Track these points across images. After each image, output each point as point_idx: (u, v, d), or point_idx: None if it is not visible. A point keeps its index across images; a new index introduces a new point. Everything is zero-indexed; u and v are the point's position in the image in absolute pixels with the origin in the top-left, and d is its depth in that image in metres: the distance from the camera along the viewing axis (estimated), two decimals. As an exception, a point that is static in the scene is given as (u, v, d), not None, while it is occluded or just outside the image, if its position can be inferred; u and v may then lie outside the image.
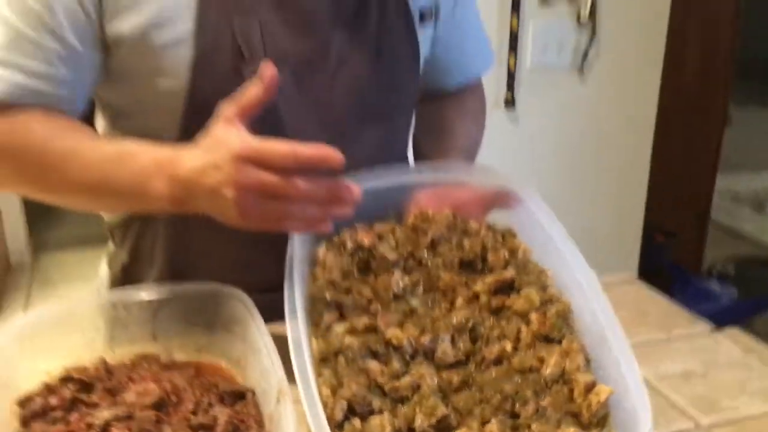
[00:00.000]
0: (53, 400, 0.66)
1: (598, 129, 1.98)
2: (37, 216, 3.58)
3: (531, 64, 1.86)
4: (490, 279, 0.74)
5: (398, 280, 0.75)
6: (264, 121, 0.70)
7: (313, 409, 0.58)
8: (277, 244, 0.74)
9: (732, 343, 0.87)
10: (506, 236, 0.81)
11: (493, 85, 1.84)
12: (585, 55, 1.88)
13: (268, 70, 0.66)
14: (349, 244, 0.77)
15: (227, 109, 0.68)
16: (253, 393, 0.69)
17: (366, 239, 0.76)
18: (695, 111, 2.59)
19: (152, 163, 0.72)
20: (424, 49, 0.95)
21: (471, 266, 0.77)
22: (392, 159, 0.95)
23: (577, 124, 1.96)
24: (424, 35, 0.95)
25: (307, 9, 0.83)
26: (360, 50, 0.87)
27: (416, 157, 1.08)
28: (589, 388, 0.65)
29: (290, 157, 0.63)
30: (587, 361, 0.68)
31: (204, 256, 0.89)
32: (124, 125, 0.89)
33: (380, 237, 0.78)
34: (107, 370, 0.71)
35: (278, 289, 0.70)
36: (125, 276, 0.95)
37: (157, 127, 0.83)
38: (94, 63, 0.81)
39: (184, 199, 0.70)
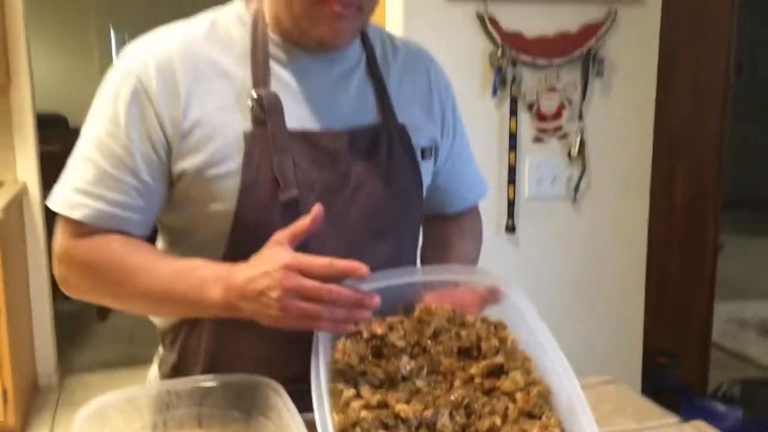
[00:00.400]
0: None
1: (593, 254, 2.15)
2: (66, 340, 3.74)
3: (528, 195, 2.06)
4: (483, 364, 0.90)
5: (406, 364, 0.90)
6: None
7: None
8: (303, 343, 0.90)
9: (695, 430, 0.99)
10: (498, 328, 0.96)
11: (495, 213, 2.03)
12: (577, 186, 2.09)
13: (317, 210, 0.86)
14: (365, 333, 0.92)
15: (280, 234, 0.87)
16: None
17: (379, 329, 0.92)
18: (686, 238, 2.75)
19: (211, 274, 0.91)
20: (426, 179, 1.13)
21: (467, 353, 0.93)
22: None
23: (573, 249, 2.14)
24: (426, 168, 1.12)
25: (330, 147, 1.01)
26: (373, 178, 1.03)
27: None
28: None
29: (327, 267, 0.82)
30: None
31: (241, 354, 1.03)
32: (180, 242, 1.07)
33: (391, 327, 0.93)
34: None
35: (304, 380, 0.86)
36: (174, 374, 1.09)
37: (207, 243, 1.01)
38: (161, 194, 1.00)
39: (235, 303, 0.88)
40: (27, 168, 3.18)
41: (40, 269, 3.29)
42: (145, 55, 0.98)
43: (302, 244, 0.91)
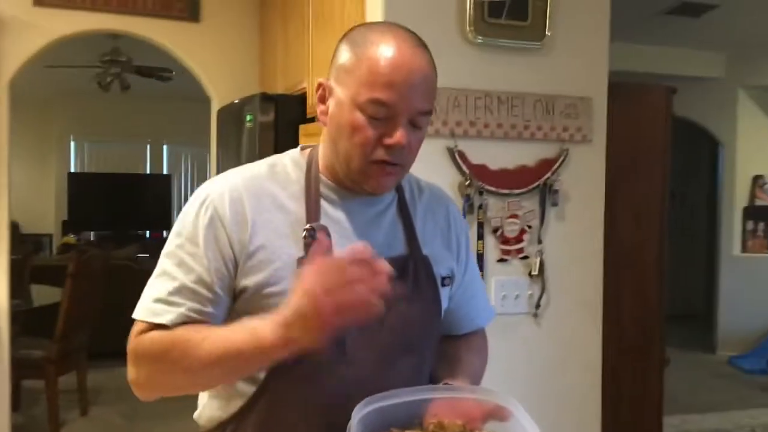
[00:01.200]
0: None
1: (553, 366, 2.32)
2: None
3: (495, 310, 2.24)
4: None
5: None
6: (336, 347, 1.05)
7: None
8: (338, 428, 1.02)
9: None
10: None
11: (463, 328, 2.20)
12: (537, 303, 2.28)
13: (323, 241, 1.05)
14: None
15: (302, 270, 1.01)
16: None
17: None
18: (636, 354, 2.96)
19: (260, 321, 1.04)
20: (444, 304, 1.27)
21: None
22: (421, 382, 1.24)
23: (535, 361, 2.31)
24: (444, 294, 1.26)
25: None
26: (401, 301, 1.15)
27: (433, 382, 1.34)
28: None
29: (348, 257, 0.98)
30: None
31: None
32: None
33: None
34: None
35: None
36: None
37: None
38: (227, 305, 1.14)
39: (285, 335, 1.00)
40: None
41: (2, 377, 3.26)
42: (221, 189, 1.16)
43: (342, 355, 1.09)
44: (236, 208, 1.14)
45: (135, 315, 1.13)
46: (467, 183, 2.18)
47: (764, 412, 4.87)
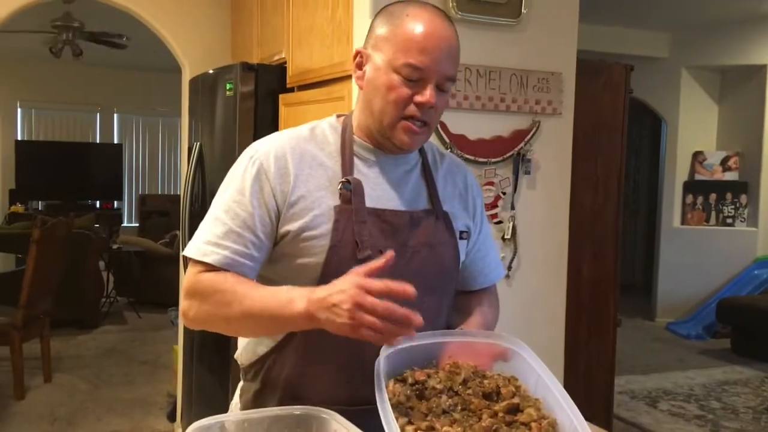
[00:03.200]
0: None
1: (523, 322, 2.49)
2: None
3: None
4: (504, 403, 1.17)
5: (446, 401, 1.17)
6: None
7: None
8: (364, 370, 1.15)
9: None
10: (511, 380, 1.25)
11: (442, 288, 2.34)
12: (510, 265, 2.44)
13: (390, 255, 1.13)
14: (410, 380, 1.19)
15: (357, 268, 1.13)
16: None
17: (420, 377, 1.19)
18: (592, 315, 3.17)
19: (297, 293, 1.17)
20: (461, 256, 1.41)
21: (489, 396, 1.20)
22: (442, 322, 1.39)
23: (506, 317, 2.46)
24: (462, 246, 1.40)
25: (395, 223, 1.32)
26: (424, 248, 1.33)
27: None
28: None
29: (385, 289, 1.09)
30: None
31: (315, 380, 1.29)
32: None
33: (428, 376, 1.21)
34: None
35: (365, 404, 1.11)
36: (255, 400, 1.33)
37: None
38: (268, 249, 1.29)
39: (313, 313, 1.13)
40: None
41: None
42: (268, 147, 1.32)
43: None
44: (280, 163, 1.29)
45: (186, 252, 1.28)
46: (448, 151, 2.31)
47: (701, 373, 5.22)
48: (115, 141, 9.45)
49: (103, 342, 5.51)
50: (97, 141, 9.35)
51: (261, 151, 1.31)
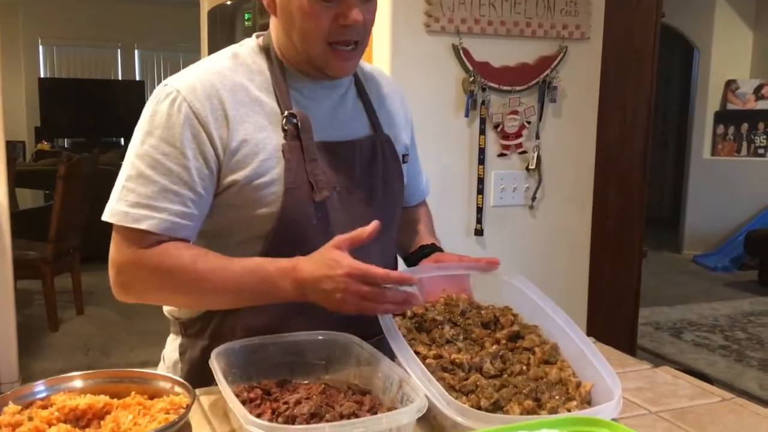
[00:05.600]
0: (251, 395, 1.02)
1: (546, 253, 2.48)
2: (28, 350, 3.77)
3: (493, 203, 2.37)
4: (505, 331, 1.17)
5: (449, 330, 1.17)
6: (322, 224, 1.16)
7: (411, 362, 0.98)
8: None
9: (664, 373, 1.30)
10: (505, 309, 1.25)
11: (466, 219, 2.33)
12: (534, 196, 2.41)
13: (375, 225, 1.08)
14: (408, 313, 1.20)
15: (339, 240, 1.07)
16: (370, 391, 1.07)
17: (419, 310, 1.20)
18: (617, 245, 3.14)
19: (277, 270, 1.08)
20: (405, 179, 1.36)
21: (488, 326, 1.20)
22: (392, 254, 1.38)
23: (530, 249, 2.46)
24: (405, 170, 1.35)
25: (345, 156, 1.23)
26: (374, 180, 1.27)
27: (399, 247, 1.46)
28: (578, 385, 1.07)
29: (384, 277, 1.03)
30: (573, 372, 1.11)
31: (280, 328, 1.15)
32: (217, 244, 1.19)
33: (426, 309, 1.21)
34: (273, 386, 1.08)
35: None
36: (205, 356, 1.11)
37: (246, 242, 1.18)
38: (209, 204, 1.16)
39: (304, 293, 1.08)
40: (-4, 178, 3.25)
41: (5, 277, 3.34)
42: (192, 84, 1.13)
43: (328, 230, 1.16)
44: (213, 103, 1.13)
45: (110, 219, 1.11)
46: (471, 80, 2.25)
47: (726, 305, 5.20)
48: (137, 78, 9.42)
49: (133, 276, 5.61)
50: (119, 78, 9.32)
51: (184, 90, 1.12)
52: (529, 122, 2.37)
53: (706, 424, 1.08)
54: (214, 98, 1.13)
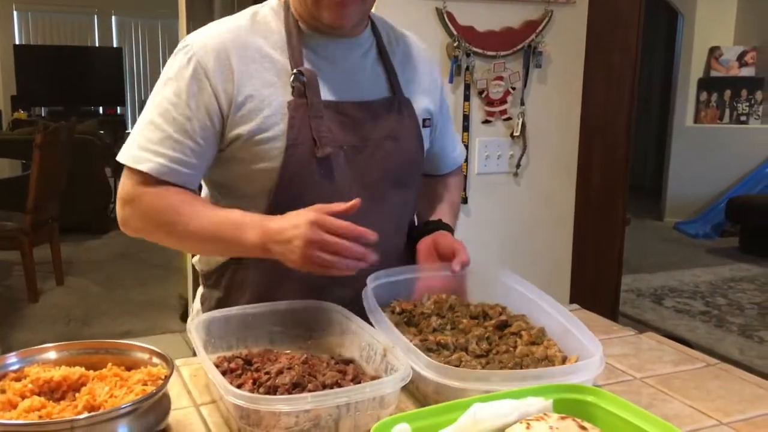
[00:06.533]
0: (232, 365, 1.00)
1: (531, 221, 2.47)
2: (7, 321, 3.73)
3: (478, 170, 2.34)
4: (493, 321, 1.16)
5: (436, 320, 1.16)
6: (329, 185, 1.17)
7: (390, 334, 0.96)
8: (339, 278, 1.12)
9: (649, 339, 1.29)
10: (494, 305, 1.23)
11: (449, 186, 2.30)
12: (518, 163, 2.39)
13: (356, 201, 1.07)
14: (397, 309, 1.19)
15: (316, 206, 1.07)
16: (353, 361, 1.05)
17: (407, 306, 1.19)
18: (601, 213, 3.13)
19: (249, 221, 1.12)
20: (425, 144, 1.36)
21: (476, 318, 1.19)
22: (407, 214, 1.37)
23: (514, 217, 2.44)
24: (425, 134, 1.35)
25: (354, 115, 1.25)
26: (387, 140, 1.27)
27: (417, 217, 1.47)
28: (564, 359, 1.06)
29: (346, 229, 1.03)
30: (560, 349, 1.09)
31: (284, 283, 1.21)
32: (228, 195, 1.27)
33: (415, 305, 1.20)
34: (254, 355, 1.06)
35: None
36: (220, 307, 1.20)
37: (252, 197, 1.22)
38: (210, 155, 1.21)
39: (266, 245, 1.08)
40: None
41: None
42: (205, 40, 1.19)
43: (334, 191, 1.16)
44: (221, 59, 1.17)
45: (119, 158, 1.18)
46: (455, 44, 2.21)
47: (708, 271, 5.25)
48: (115, 45, 9.24)
49: (113, 247, 5.56)
50: (96, 45, 9.13)
51: (197, 46, 1.18)
52: (514, 88, 2.34)
53: (690, 389, 1.08)
54: (223, 54, 1.17)
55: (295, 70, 1.18)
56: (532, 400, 0.85)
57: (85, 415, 0.81)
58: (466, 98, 2.26)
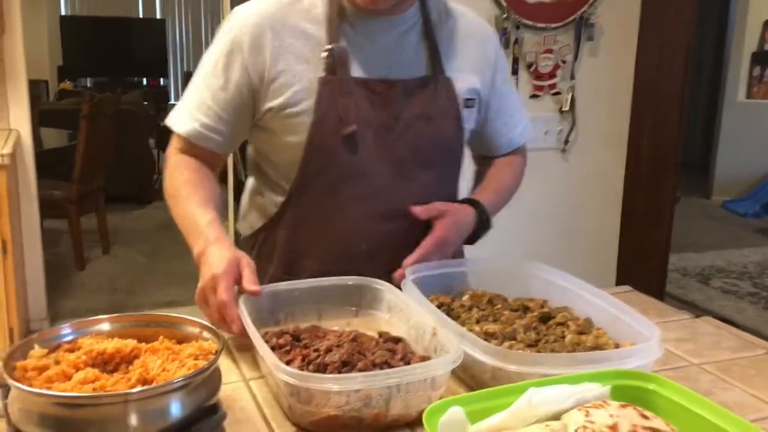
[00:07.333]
0: (281, 341, 1.00)
1: (578, 199, 2.42)
2: (56, 288, 3.82)
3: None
4: (536, 313, 1.13)
5: (477, 312, 1.14)
6: (353, 161, 1.17)
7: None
8: (354, 248, 1.15)
9: (706, 323, 1.25)
10: (534, 299, 1.19)
11: (495, 162, 2.26)
12: (566, 139, 2.33)
13: (256, 291, 1.05)
14: (435, 303, 1.14)
15: (247, 263, 1.07)
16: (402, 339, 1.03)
17: (444, 300, 1.16)
18: (650, 190, 3.06)
19: (205, 234, 1.14)
20: (467, 124, 1.31)
21: (517, 312, 1.15)
22: (441, 197, 1.31)
23: (561, 192, 2.39)
24: (467, 115, 1.31)
25: (385, 93, 1.23)
26: (419, 120, 1.24)
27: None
28: (617, 346, 1.03)
29: (222, 307, 1.02)
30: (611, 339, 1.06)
31: (307, 255, 1.26)
32: (265, 161, 1.30)
33: (453, 299, 1.18)
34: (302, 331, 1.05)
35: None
36: None
37: (283, 166, 1.25)
38: (241, 126, 1.25)
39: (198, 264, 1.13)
40: (20, 117, 3.22)
41: (32, 216, 3.36)
42: (245, 15, 1.23)
43: (361, 171, 1.20)
44: (257, 35, 1.20)
45: (167, 120, 1.27)
46: (504, 16, 2.16)
47: (756, 251, 5.12)
48: (158, 16, 9.29)
49: (157, 217, 5.64)
50: (140, 17, 9.20)
51: (238, 19, 1.22)
52: (564, 61, 2.28)
53: (752, 377, 1.04)
54: (260, 30, 1.20)
55: (328, 47, 1.19)
56: (589, 386, 0.82)
57: (139, 388, 0.81)
58: (514, 72, 2.21)
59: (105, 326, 0.96)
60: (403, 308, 1.07)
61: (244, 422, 0.89)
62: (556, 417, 0.79)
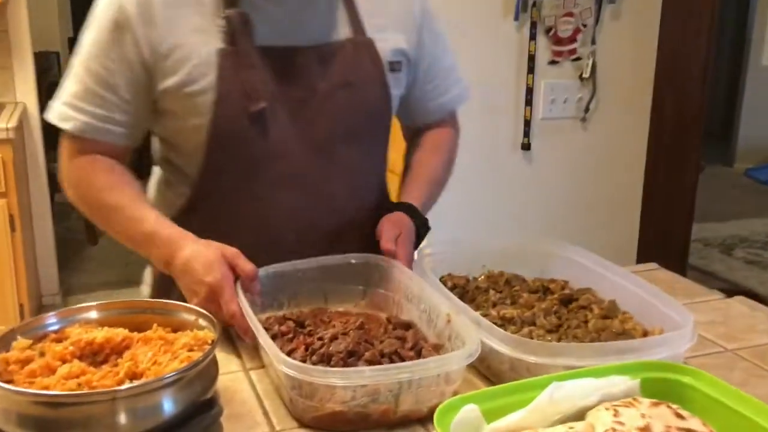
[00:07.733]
0: (283, 328, 0.93)
1: (598, 169, 2.33)
2: (68, 263, 3.80)
3: (542, 115, 2.20)
4: (557, 295, 1.05)
5: (494, 294, 1.07)
6: (263, 142, 1.05)
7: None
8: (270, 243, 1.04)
9: (739, 304, 1.17)
10: (554, 280, 1.12)
11: (512, 132, 2.17)
12: (587, 107, 2.24)
13: (254, 287, 0.99)
14: (449, 284, 1.08)
15: (230, 253, 0.98)
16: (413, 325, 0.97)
17: (458, 281, 1.09)
18: (673, 159, 2.96)
19: (161, 236, 1.03)
20: (394, 90, 1.17)
21: (536, 293, 1.08)
22: (367, 174, 1.21)
23: (581, 164, 2.30)
24: (393, 79, 1.16)
25: (298, 63, 1.09)
26: (339, 90, 1.11)
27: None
28: (645, 333, 0.96)
29: (233, 314, 0.93)
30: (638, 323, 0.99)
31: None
32: (171, 149, 1.16)
33: (467, 280, 1.11)
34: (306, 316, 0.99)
35: None
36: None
37: (189, 153, 1.11)
38: (141, 109, 1.09)
39: (170, 272, 1.02)
40: (26, 90, 3.17)
41: (41, 190, 3.32)
42: None
43: (275, 154, 1.07)
44: (143, 6, 1.04)
45: (47, 116, 1.10)
46: (521, -22, 2.05)
47: (780, 221, 4.99)
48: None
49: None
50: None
51: None
52: (584, 25, 2.17)
53: (791, 365, 0.96)
54: (147, 1, 1.05)
55: (225, 14, 1.05)
56: (617, 379, 0.75)
57: (127, 385, 0.75)
58: (532, 37, 2.11)
59: (94, 314, 0.90)
60: (413, 289, 1.00)
61: (242, 416, 0.84)
62: (580, 414, 0.72)
